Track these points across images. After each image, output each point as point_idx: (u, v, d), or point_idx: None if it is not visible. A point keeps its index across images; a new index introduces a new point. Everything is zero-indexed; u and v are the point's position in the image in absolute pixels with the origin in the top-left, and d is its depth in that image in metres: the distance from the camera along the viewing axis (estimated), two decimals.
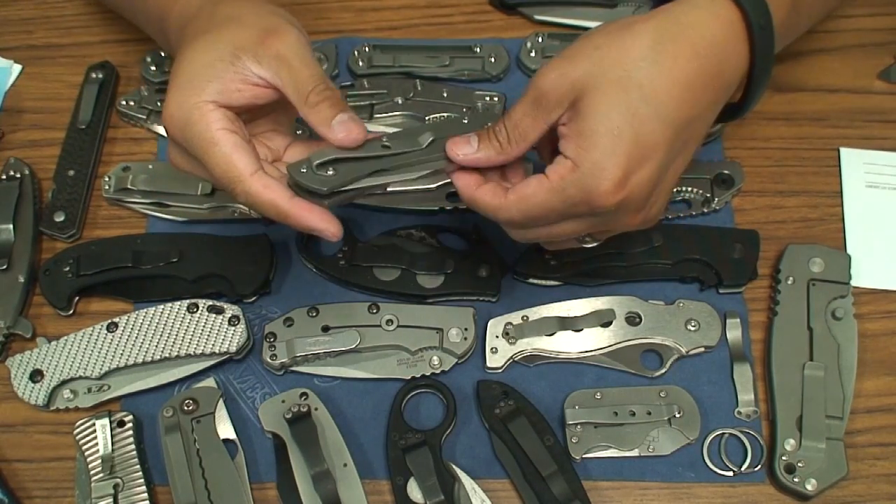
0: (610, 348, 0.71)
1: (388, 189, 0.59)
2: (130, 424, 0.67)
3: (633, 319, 0.71)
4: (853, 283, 0.72)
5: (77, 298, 0.74)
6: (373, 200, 0.76)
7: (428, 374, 0.70)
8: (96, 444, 0.66)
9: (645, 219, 0.58)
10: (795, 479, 0.65)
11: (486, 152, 0.57)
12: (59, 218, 0.76)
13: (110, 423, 0.67)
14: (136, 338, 0.70)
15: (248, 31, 0.57)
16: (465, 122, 0.59)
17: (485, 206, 0.57)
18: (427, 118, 0.80)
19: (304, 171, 0.55)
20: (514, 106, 0.57)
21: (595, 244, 0.63)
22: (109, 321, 0.70)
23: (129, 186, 0.77)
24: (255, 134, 0.61)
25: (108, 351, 0.69)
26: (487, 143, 0.57)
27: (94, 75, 0.83)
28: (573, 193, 0.54)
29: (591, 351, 0.71)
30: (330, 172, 0.55)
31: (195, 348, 0.69)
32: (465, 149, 0.57)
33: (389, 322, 0.70)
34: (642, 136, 0.53)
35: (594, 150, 0.53)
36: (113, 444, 0.67)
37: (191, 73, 0.57)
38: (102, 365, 0.69)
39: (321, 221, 0.56)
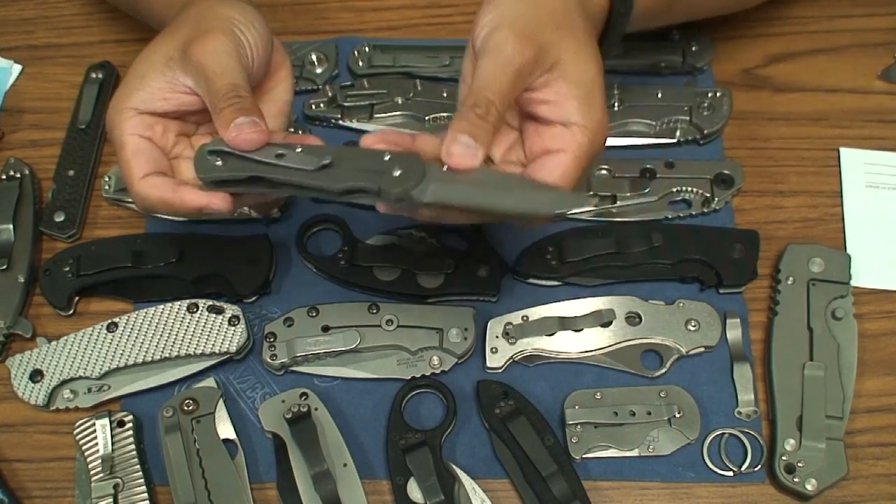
0: (610, 348, 0.71)
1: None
2: (130, 424, 0.67)
3: (633, 319, 0.71)
4: (853, 283, 0.72)
5: (77, 298, 0.74)
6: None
7: (428, 374, 0.70)
8: (96, 444, 0.66)
9: None
10: (795, 479, 0.65)
11: (488, 143, 0.53)
12: (59, 218, 0.76)
13: (110, 423, 0.67)
14: (136, 338, 0.70)
15: (179, 38, 0.59)
16: (386, 158, 0.52)
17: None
18: (427, 118, 0.80)
19: (197, 154, 0.57)
20: (488, 85, 0.53)
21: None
22: (109, 321, 0.70)
23: None
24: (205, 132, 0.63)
25: (108, 351, 0.69)
26: (484, 133, 0.52)
27: (94, 75, 0.83)
28: (589, 150, 0.56)
29: (591, 351, 0.71)
30: (218, 163, 0.56)
31: (195, 348, 0.69)
32: (467, 153, 0.52)
33: (389, 322, 0.70)
34: (600, 79, 0.57)
35: (593, 105, 0.56)
36: (113, 444, 0.67)
37: (128, 79, 0.60)
38: (102, 365, 0.69)
39: (205, 197, 0.58)
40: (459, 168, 0.51)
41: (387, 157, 0.52)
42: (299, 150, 0.55)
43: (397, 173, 0.50)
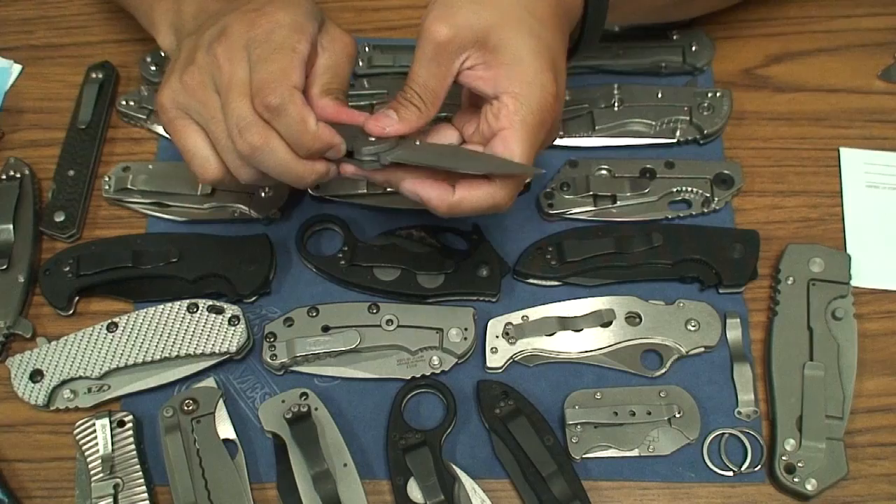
0: (610, 348, 0.71)
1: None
2: (130, 424, 0.67)
3: (633, 319, 0.71)
4: (853, 283, 0.72)
5: (77, 298, 0.74)
6: (372, 200, 0.76)
7: (428, 374, 0.70)
8: (96, 444, 0.66)
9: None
10: (795, 479, 0.65)
11: (409, 119, 0.58)
12: (59, 218, 0.76)
13: (110, 423, 0.67)
14: (136, 338, 0.70)
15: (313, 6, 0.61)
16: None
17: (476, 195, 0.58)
18: None
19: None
20: (413, 69, 0.58)
21: None
22: (109, 321, 0.70)
23: (129, 186, 0.77)
24: None
25: (108, 351, 0.69)
26: (405, 111, 0.58)
27: (94, 75, 0.83)
28: (532, 120, 0.56)
29: (591, 351, 0.71)
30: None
31: (195, 348, 0.69)
32: (385, 121, 0.57)
33: (389, 322, 0.70)
34: (551, 53, 0.57)
35: (528, 73, 0.56)
36: (113, 444, 0.67)
37: (303, 4, 0.60)
38: (102, 365, 0.69)
39: (335, 137, 0.57)
40: (381, 133, 0.57)
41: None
42: None
43: (373, 138, 0.58)
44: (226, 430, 0.68)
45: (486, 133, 0.58)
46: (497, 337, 0.71)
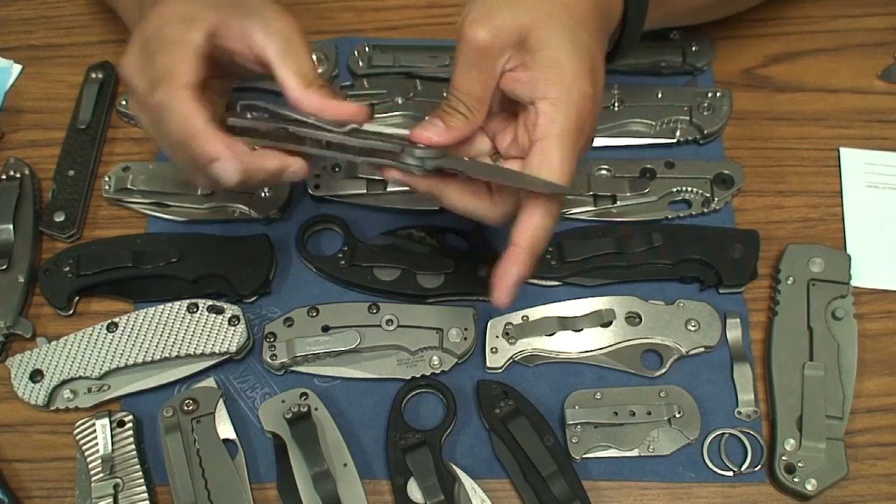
0: (610, 348, 0.71)
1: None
2: (130, 424, 0.67)
3: (633, 319, 0.71)
4: (853, 283, 0.72)
5: (77, 298, 0.74)
6: (372, 200, 0.76)
7: (428, 374, 0.70)
8: (96, 444, 0.66)
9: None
10: (795, 479, 0.65)
11: (456, 127, 0.56)
12: (59, 218, 0.76)
13: (110, 423, 0.67)
14: (136, 338, 0.70)
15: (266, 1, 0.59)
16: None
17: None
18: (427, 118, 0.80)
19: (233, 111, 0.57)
20: (455, 76, 0.56)
21: None
22: (109, 321, 0.70)
23: (129, 186, 0.77)
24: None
25: (108, 351, 0.69)
26: (452, 119, 0.56)
27: (94, 75, 0.83)
28: (571, 126, 0.54)
29: (591, 351, 0.71)
30: (252, 114, 0.57)
31: (195, 348, 0.69)
32: (432, 131, 0.55)
33: (389, 322, 0.70)
34: (590, 55, 0.56)
35: (566, 77, 0.54)
36: (113, 444, 0.67)
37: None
38: (102, 365, 0.69)
39: (226, 150, 0.55)
40: (429, 142, 0.55)
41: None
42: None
43: (421, 146, 0.56)
44: (226, 430, 0.68)
45: (524, 143, 0.56)
46: (497, 337, 0.71)
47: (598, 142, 0.79)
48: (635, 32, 0.63)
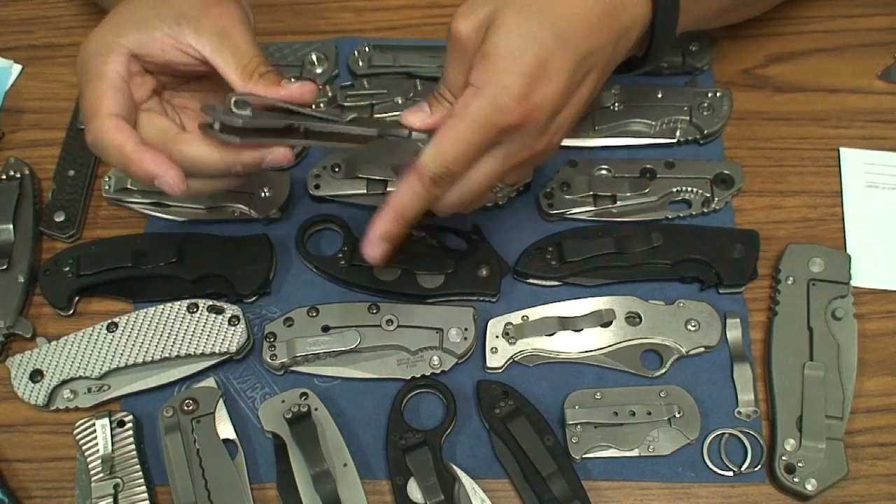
0: (610, 348, 0.71)
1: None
2: (130, 424, 0.67)
3: (633, 319, 0.71)
4: (853, 283, 0.72)
5: (77, 298, 0.74)
6: (372, 200, 0.76)
7: (428, 374, 0.70)
8: (96, 444, 0.66)
9: (549, 144, 0.59)
10: (795, 479, 0.65)
11: (441, 115, 0.58)
12: (59, 218, 0.76)
13: (110, 423, 0.67)
14: (136, 338, 0.70)
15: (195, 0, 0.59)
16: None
17: (406, 183, 0.57)
18: None
19: (220, 108, 0.56)
20: (444, 68, 0.58)
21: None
22: (109, 321, 0.70)
23: (129, 186, 0.77)
24: (176, 105, 0.63)
25: (108, 351, 0.69)
26: (439, 106, 0.58)
27: None
28: (480, 115, 0.55)
29: (591, 351, 0.71)
30: (246, 112, 0.56)
31: (195, 348, 0.69)
32: (419, 116, 0.58)
33: (389, 322, 0.70)
34: (542, 57, 0.55)
35: (495, 70, 0.54)
36: (113, 444, 0.67)
37: (120, 19, 0.59)
38: (102, 365, 0.69)
39: (160, 166, 0.56)
40: (413, 126, 0.58)
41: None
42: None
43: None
44: (226, 430, 0.68)
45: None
46: (497, 337, 0.71)
47: (599, 142, 0.79)
48: (667, 36, 0.62)
